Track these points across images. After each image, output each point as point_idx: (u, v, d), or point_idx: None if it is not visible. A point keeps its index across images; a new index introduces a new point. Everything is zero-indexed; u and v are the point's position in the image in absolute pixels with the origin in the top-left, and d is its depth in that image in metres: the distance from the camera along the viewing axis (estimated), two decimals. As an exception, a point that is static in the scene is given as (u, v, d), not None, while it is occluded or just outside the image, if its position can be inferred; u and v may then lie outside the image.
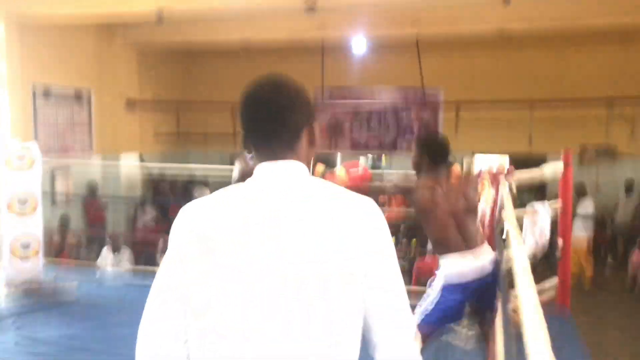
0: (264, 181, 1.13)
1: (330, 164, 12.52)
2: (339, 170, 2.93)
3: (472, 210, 2.80)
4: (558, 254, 3.52)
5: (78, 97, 8.50)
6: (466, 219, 2.72)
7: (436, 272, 2.71)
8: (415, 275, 6.12)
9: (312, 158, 1.24)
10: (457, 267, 2.63)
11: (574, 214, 7.18)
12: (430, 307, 2.67)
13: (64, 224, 7.58)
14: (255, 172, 1.16)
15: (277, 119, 1.16)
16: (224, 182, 12.55)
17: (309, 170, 1.19)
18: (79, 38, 8.39)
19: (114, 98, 9.13)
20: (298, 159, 1.17)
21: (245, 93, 1.22)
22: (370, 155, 10.14)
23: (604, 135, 9.07)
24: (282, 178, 1.13)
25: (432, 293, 2.70)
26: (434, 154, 2.85)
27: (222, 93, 10.73)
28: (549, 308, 3.52)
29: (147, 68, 10.12)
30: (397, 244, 7.31)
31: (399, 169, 10.64)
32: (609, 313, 6.25)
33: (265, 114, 1.16)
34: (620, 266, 8.11)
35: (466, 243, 2.68)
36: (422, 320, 2.66)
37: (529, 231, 3.57)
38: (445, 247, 2.69)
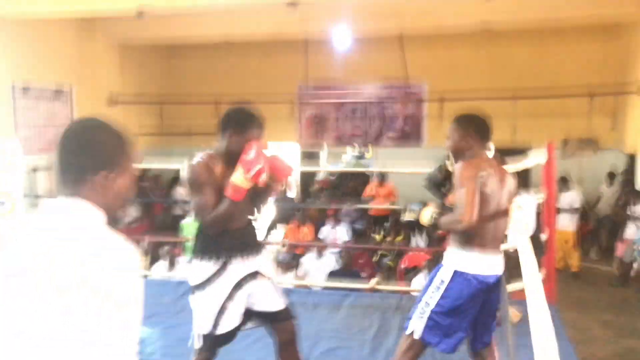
0: (36, 216, 1.21)
1: (314, 158, 12.46)
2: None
3: (507, 204, 2.39)
4: (543, 248, 3.53)
5: (59, 93, 8.37)
6: (501, 213, 2.35)
7: (427, 264, 2.55)
8: (402, 270, 6.14)
9: (120, 204, 1.28)
10: (476, 259, 2.28)
11: (559, 207, 7.26)
12: (434, 303, 2.29)
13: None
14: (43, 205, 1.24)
15: (62, 160, 1.23)
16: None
17: (108, 216, 1.23)
18: (59, 34, 8.24)
19: (96, 94, 9.00)
20: (89, 199, 1.21)
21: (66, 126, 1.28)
22: (356, 146, 10.13)
23: (585, 127, 9.16)
24: (47, 215, 1.19)
25: (435, 287, 2.32)
26: (482, 129, 2.45)
27: (206, 88, 10.66)
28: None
29: (129, 64, 9.99)
30: (382, 240, 7.33)
31: (385, 159, 10.61)
32: (594, 307, 6.31)
33: (58, 152, 1.24)
34: (603, 258, 8.20)
35: (493, 243, 2.33)
36: (426, 325, 2.30)
37: (514, 225, 3.57)
38: (471, 240, 2.27)
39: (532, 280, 1.54)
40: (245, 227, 2.38)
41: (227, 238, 2.29)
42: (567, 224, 7.50)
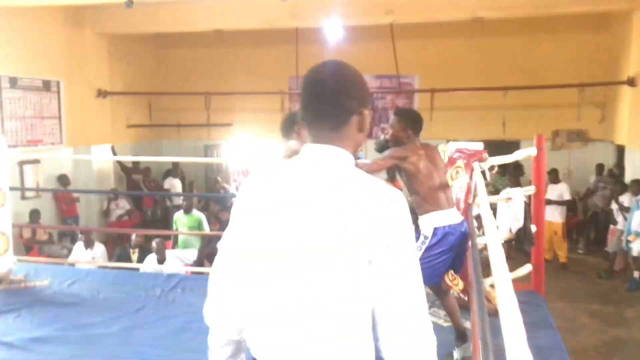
0: (305, 163, 1.22)
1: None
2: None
3: (444, 176, 3.09)
4: (532, 240, 3.55)
5: (47, 87, 8.28)
6: (444, 182, 3.01)
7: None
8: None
9: (362, 144, 1.29)
10: (444, 216, 2.91)
11: (549, 200, 7.31)
12: (421, 254, 2.85)
13: (34, 219, 7.40)
14: (301, 151, 1.24)
15: (327, 101, 1.21)
16: (198, 172, 12.47)
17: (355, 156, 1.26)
18: (46, 27, 8.15)
19: (84, 88, 8.92)
20: (344, 143, 1.22)
21: (307, 72, 1.28)
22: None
23: (575, 121, 9.22)
24: (321, 163, 1.20)
25: (420, 242, 2.90)
26: (414, 123, 3.05)
27: (195, 83, 10.60)
28: (522, 294, 3.57)
29: (118, 58, 9.90)
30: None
31: (376, 156, 10.65)
32: (581, 297, 6.38)
33: (317, 95, 1.22)
34: (591, 250, 8.28)
35: (448, 203, 2.97)
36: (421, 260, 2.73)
37: (503, 217, 3.60)
38: (431, 205, 2.92)
39: (501, 272, 1.56)
40: None
41: None
42: (556, 215, 7.56)
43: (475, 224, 3.15)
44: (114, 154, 9.35)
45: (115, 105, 9.67)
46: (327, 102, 1.21)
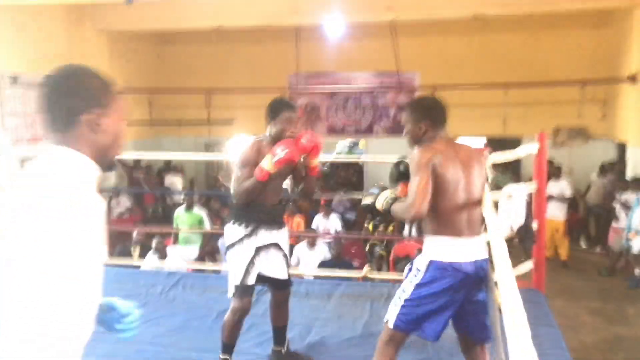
0: (31, 164, 1.18)
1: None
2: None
3: (480, 190, 2.30)
4: (533, 237, 3.55)
5: (47, 84, 8.27)
6: (474, 198, 2.25)
7: (418, 253, 2.38)
8: (392, 260, 6.16)
9: (110, 145, 1.24)
10: (451, 246, 2.21)
11: (550, 195, 7.30)
12: (410, 291, 2.22)
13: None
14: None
15: (47, 101, 1.22)
16: (199, 170, 12.50)
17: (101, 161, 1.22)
18: (47, 24, 8.13)
19: (85, 85, 8.90)
20: (77, 144, 1.18)
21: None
22: (349, 140, 10.14)
23: (576, 117, 9.20)
24: (38, 163, 1.17)
25: (412, 275, 2.26)
26: (429, 111, 2.35)
27: (196, 80, 10.58)
28: (523, 292, 3.57)
29: (118, 54, 9.90)
30: (374, 229, 7.34)
31: (376, 153, 10.65)
32: (582, 294, 6.38)
33: (42, 95, 1.23)
34: (593, 248, 8.27)
35: (469, 229, 2.22)
36: (399, 313, 2.25)
37: (504, 214, 3.59)
38: (441, 226, 2.22)
39: (504, 270, 1.55)
40: (276, 205, 2.85)
41: (259, 211, 2.76)
42: (557, 213, 7.55)
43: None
44: (115, 151, 9.34)
45: (115, 102, 9.65)
46: (47, 101, 1.21)
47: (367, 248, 6.80)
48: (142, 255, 6.11)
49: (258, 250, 2.75)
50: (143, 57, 10.78)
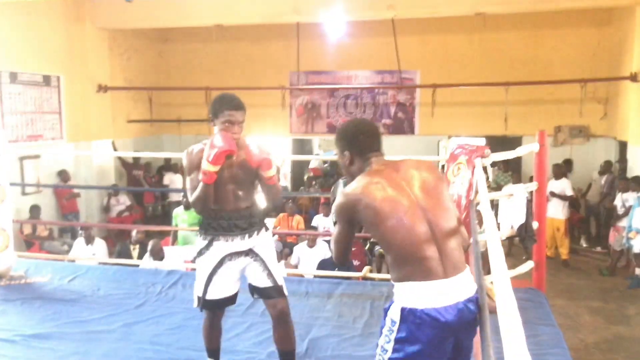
0: None
1: (306, 149, 12.42)
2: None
3: (451, 216, 1.85)
4: (534, 236, 3.53)
5: (47, 82, 8.26)
6: (442, 227, 1.79)
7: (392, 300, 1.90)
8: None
9: None
10: (423, 291, 1.75)
11: (552, 192, 7.29)
12: (390, 350, 1.79)
13: (35, 215, 7.39)
14: None
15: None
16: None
17: None
18: (47, 22, 8.12)
19: (85, 83, 8.90)
20: None
21: None
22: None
23: (577, 116, 9.19)
24: None
25: (387, 329, 1.82)
26: (352, 140, 1.98)
27: (196, 78, 10.57)
28: (524, 291, 3.56)
29: (118, 52, 9.88)
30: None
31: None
32: (583, 294, 6.37)
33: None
34: (594, 247, 8.26)
35: (444, 266, 1.76)
36: None
37: (504, 214, 3.58)
38: (406, 266, 1.77)
39: (499, 270, 1.54)
40: (238, 210, 2.57)
41: (216, 219, 2.55)
42: (558, 211, 7.53)
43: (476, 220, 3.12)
44: (115, 149, 9.35)
45: (115, 100, 9.65)
46: None
47: (367, 247, 6.79)
48: (142, 254, 6.10)
49: (219, 264, 2.53)
50: (143, 55, 10.76)
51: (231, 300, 2.64)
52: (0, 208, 4.03)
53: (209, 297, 2.57)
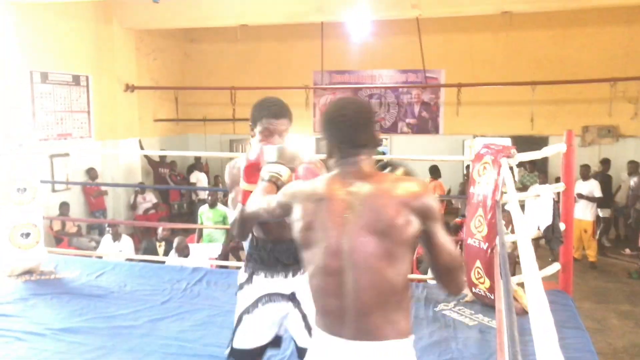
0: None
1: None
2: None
3: (391, 268, 1.40)
4: (560, 238, 3.48)
5: (76, 82, 8.43)
6: (369, 278, 1.40)
7: None
8: (415, 259, 6.10)
9: None
10: (324, 346, 1.48)
11: (580, 194, 7.16)
12: None
13: (64, 211, 7.56)
14: None
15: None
16: (224, 167, 12.62)
17: None
18: (76, 23, 8.29)
19: (113, 83, 9.05)
20: None
21: None
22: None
23: (606, 116, 9.00)
24: None
25: None
26: (330, 129, 1.50)
27: (221, 77, 10.67)
28: (550, 294, 3.50)
29: (145, 52, 10.03)
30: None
31: (399, 154, 10.57)
32: (611, 297, 6.24)
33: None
34: (622, 249, 8.08)
35: (347, 325, 1.42)
36: None
37: (531, 215, 3.53)
38: (317, 313, 1.53)
39: (531, 272, 1.52)
40: (282, 240, 2.08)
41: (257, 249, 2.13)
42: (586, 213, 7.39)
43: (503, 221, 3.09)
44: (142, 147, 9.49)
45: (142, 99, 9.80)
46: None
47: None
48: (167, 251, 6.19)
49: (255, 304, 2.08)
50: (169, 55, 10.91)
51: (263, 350, 2.12)
52: (32, 205, 4.13)
53: (236, 344, 2.10)
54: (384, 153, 11.57)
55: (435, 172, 8.39)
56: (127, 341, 3.08)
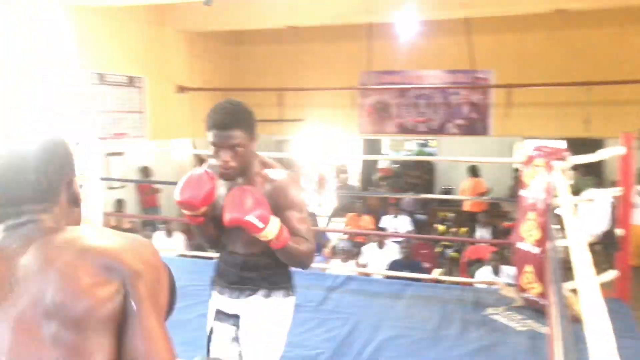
0: None
1: (376, 149, 12.36)
2: None
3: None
4: (617, 244, 3.37)
5: (131, 83, 8.74)
6: None
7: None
8: (464, 262, 6.04)
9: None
10: None
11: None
12: None
13: (119, 208, 7.85)
14: None
15: None
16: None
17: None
18: (131, 26, 8.59)
19: (165, 84, 9.34)
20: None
21: None
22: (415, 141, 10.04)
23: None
24: None
25: None
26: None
27: (269, 79, 10.81)
28: (606, 301, 3.40)
29: (196, 54, 10.28)
30: (446, 231, 7.22)
31: (447, 155, 10.47)
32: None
33: None
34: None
35: None
36: None
37: (585, 220, 3.44)
38: None
39: (586, 278, 1.48)
40: (239, 254, 1.89)
41: (220, 261, 1.99)
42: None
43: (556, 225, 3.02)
44: (194, 147, 9.76)
45: (194, 100, 10.06)
46: None
47: (438, 250, 6.71)
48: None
49: (213, 316, 1.96)
50: (219, 57, 11.14)
51: None
52: (92, 202, 4.32)
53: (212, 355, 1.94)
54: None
55: (473, 171, 8.53)
56: (180, 334, 3.17)
